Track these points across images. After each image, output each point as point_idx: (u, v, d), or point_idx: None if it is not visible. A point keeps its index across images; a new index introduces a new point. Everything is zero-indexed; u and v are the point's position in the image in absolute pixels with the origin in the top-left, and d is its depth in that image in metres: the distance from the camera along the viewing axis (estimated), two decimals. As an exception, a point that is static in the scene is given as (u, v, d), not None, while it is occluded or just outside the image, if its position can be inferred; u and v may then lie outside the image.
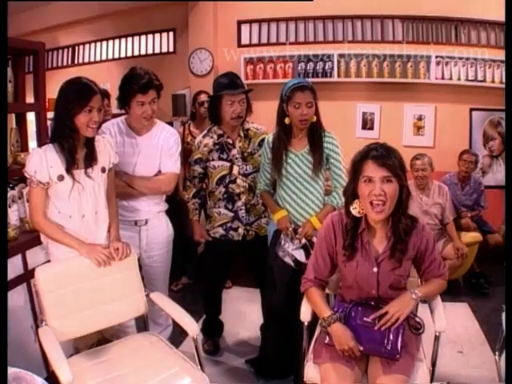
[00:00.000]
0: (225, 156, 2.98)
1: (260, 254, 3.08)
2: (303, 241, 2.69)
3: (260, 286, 3.24)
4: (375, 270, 2.10)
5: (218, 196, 3.03)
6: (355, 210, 2.09)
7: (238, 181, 2.98)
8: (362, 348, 2.02)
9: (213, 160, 2.99)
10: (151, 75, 2.64)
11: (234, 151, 2.98)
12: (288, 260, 2.70)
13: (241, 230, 3.03)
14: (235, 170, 2.98)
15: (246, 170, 3.00)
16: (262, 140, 3.01)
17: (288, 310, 2.61)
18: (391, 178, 1.98)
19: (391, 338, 2.01)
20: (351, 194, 2.10)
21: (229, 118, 2.90)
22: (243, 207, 3.01)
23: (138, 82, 2.59)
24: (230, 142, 2.99)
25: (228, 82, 2.91)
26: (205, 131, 3.11)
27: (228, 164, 2.98)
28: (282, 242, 2.72)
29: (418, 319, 2.11)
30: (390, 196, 1.98)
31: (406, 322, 2.07)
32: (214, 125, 3.04)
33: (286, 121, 2.75)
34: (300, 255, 2.67)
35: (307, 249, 2.66)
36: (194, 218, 3.15)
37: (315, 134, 2.78)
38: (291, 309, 2.37)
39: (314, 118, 2.74)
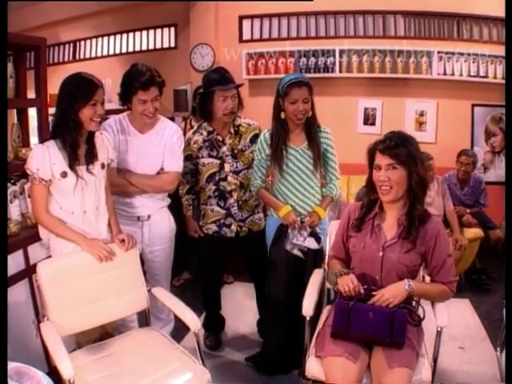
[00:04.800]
0: (214, 153, 2.95)
1: (254, 249, 3.10)
2: (308, 230, 2.73)
3: (255, 281, 3.26)
4: (381, 254, 2.17)
5: (208, 193, 3.02)
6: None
7: (229, 178, 2.97)
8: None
9: (202, 157, 2.96)
10: (153, 71, 2.60)
11: (224, 148, 2.95)
12: (297, 252, 2.73)
13: (234, 227, 3.03)
14: (226, 167, 2.95)
15: (237, 167, 2.97)
16: (254, 136, 3.00)
17: (291, 304, 2.61)
18: (396, 165, 2.11)
19: (396, 327, 2.02)
20: (368, 179, 2.24)
21: (221, 113, 2.85)
22: (235, 204, 3.00)
23: (139, 78, 2.55)
24: (220, 139, 2.95)
25: (219, 78, 2.87)
26: (195, 127, 3.09)
27: (218, 161, 2.95)
28: (291, 236, 2.74)
29: (418, 312, 2.17)
30: (395, 182, 2.12)
31: (408, 314, 2.10)
32: (204, 121, 3.00)
33: (282, 115, 2.76)
34: (312, 243, 2.72)
35: (317, 236, 2.74)
36: (187, 213, 3.16)
37: (312, 129, 2.80)
38: (294, 303, 2.38)
39: (310, 113, 2.75)
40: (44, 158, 2.24)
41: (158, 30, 6.07)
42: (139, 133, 2.74)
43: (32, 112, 2.97)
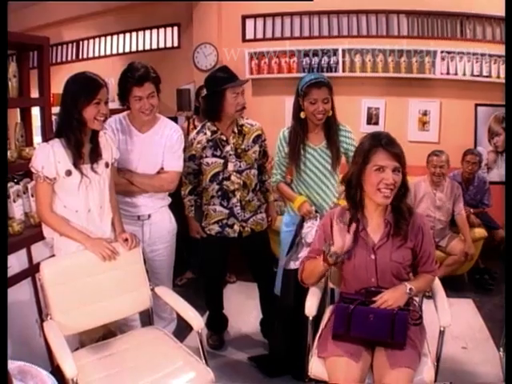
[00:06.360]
0: (218, 153, 2.95)
1: (257, 249, 3.12)
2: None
3: (258, 280, 3.26)
4: (372, 257, 2.15)
5: (211, 193, 3.02)
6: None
7: (233, 178, 2.97)
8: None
9: (206, 157, 2.96)
10: (148, 68, 2.60)
11: (228, 148, 2.95)
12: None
13: (236, 227, 3.03)
14: (230, 166, 2.95)
15: (240, 166, 2.97)
16: (257, 136, 3.01)
17: (300, 308, 2.61)
18: (400, 169, 2.08)
19: (397, 328, 2.02)
20: (357, 180, 2.13)
21: (234, 110, 2.86)
22: (238, 204, 3.00)
23: (133, 75, 2.56)
24: (224, 138, 2.95)
25: (228, 76, 2.88)
26: (198, 127, 3.09)
27: (221, 161, 2.95)
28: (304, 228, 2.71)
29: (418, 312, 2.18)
30: (397, 185, 2.08)
31: (409, 315, 2.10)
32: (208, 121, 3.01)
33: (302, 115, 2.78)
34: None
35: None
36: (189, 214, 3.15)
37: (331, 129, 2.82)
38: (303, 307, 2.36)
39: (330, 113, 2.76)
40: (49, 157, 2.25)
41: (161, 30, 6.07)
42: (139, 132, 2.74)
43: (35, 111, 2.98)
